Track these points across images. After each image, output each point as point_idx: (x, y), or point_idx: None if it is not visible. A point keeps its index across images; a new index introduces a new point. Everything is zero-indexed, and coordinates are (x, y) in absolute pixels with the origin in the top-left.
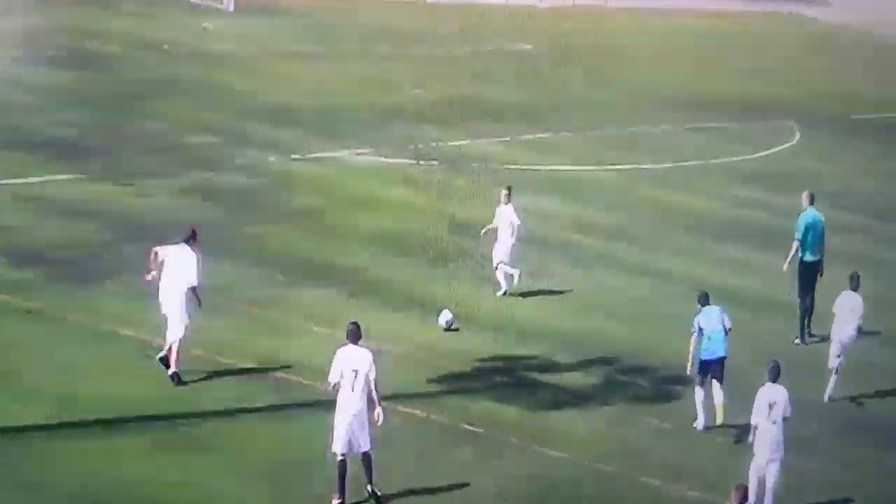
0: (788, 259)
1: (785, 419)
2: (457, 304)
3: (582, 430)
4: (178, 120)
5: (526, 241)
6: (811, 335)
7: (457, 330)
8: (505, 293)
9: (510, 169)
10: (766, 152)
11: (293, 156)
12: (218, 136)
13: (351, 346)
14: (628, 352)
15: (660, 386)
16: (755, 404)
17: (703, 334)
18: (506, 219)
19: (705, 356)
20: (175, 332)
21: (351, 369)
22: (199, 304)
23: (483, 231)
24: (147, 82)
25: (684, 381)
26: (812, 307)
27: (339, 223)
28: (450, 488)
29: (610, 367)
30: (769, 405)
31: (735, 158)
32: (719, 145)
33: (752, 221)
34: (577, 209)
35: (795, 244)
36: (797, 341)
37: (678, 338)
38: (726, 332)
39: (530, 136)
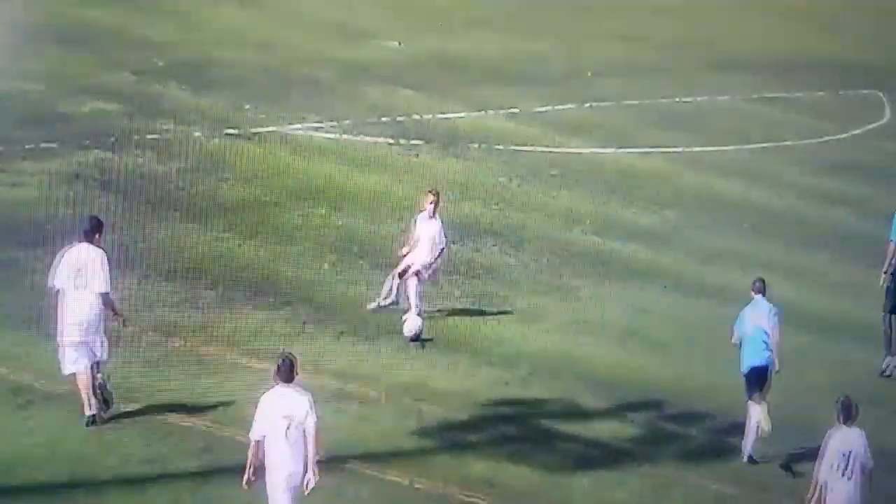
0: (886, 267)
1: (865, 474)
2: (449, 331)
3: (618, 498)
4: (59, 79)
5: (542, 249)
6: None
7: (421, 340)
8: (377, 307)
9: (522, 151)
10: (848, 133)
11: (225, 130)
12: (118, 102)
13: (281, 387)
14: (676, 393)
15: (718, 438)
16: (822, 454)
17: (743, 332)
18: (427, 235)
19: (745, 363)
20: (82, 360)
21: (282, 416)
22: (121, 319)
23: (403, 252)
24: (15, 26)
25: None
26: None
27: (289, 222)
28: None
29: (653, 413)
30: (842, 455)
31: (810, 141)
32: (790, 122)
33: (830, 221)
34: (608, 205)
35: (892, 248)
36: (886, 369)
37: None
38: (768, 335)
39: (547, 108)
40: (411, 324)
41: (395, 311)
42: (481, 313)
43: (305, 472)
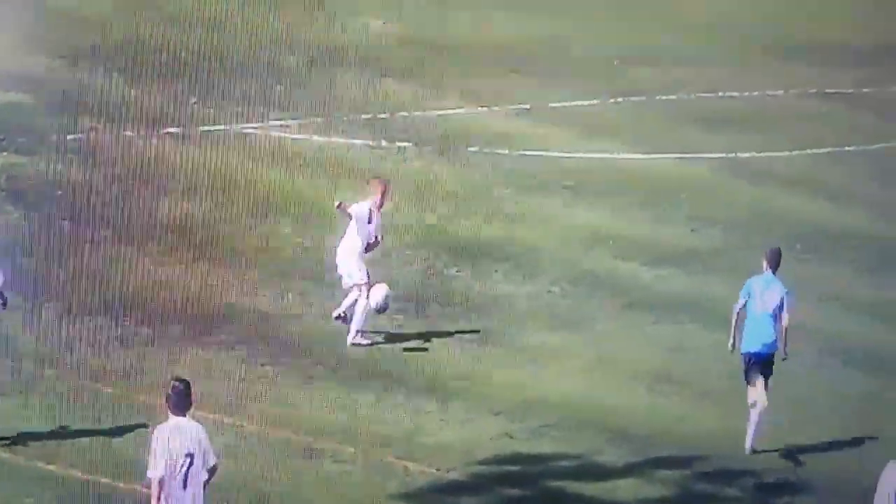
0: None
1: None
2: (442, 374)
3: None
4: None
5: (556, 276)
6: None
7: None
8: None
9: (532, 156)
10: None
11: (166, 129)
12: (31, 93)
13: (176, 420)
14: (716, 448)
15: (762, 499)
16: (878, 492)
17: (749, 307)
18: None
19: (747, 345)
20: None
21: (184, 455)
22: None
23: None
24: None
25: (802, 490)
26: None
27: (245, 243)
28: None
29: (687, 472)
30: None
31: (883, 145)
32: (860, 123)
33: None
34: (637, 222)
35: None
36: None
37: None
38: (775, 319)
39: (564, 103)
40: (378, 292)
41: (375, 350)
42: (481, 353)
43: None
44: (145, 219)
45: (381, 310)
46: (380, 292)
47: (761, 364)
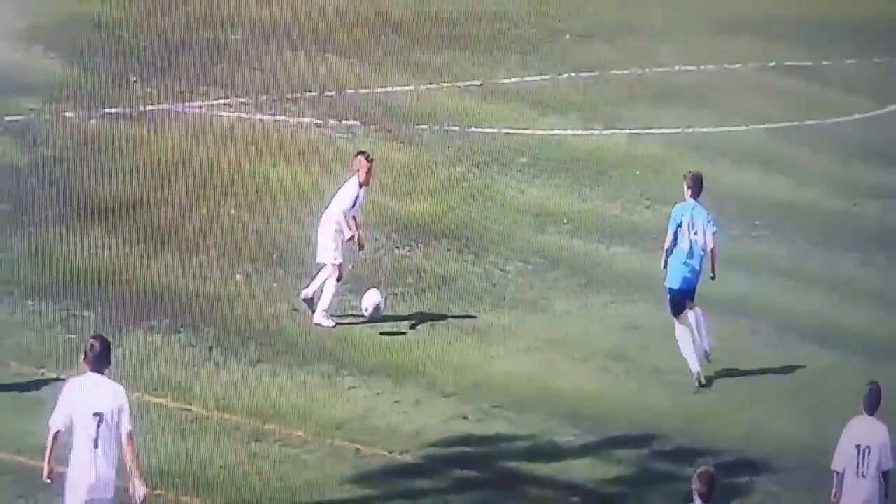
0: None
1: (885, 474)
2: (393, 356)
3: None
4: None
5: (509, 254)
6: None
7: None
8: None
9: (484, 133)
10: (885, 109)
11: (106, 109)
12: None
13: (91, 375)
14: (673, 427)
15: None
16: (839, 444)
17: (678, 239)
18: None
19: (675, 282)
20: None
21: (91, 414)
22: None
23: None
24: None
25: (760, 467)
26: None
27: (189, 225)
28: None
29: (644, 451)
30: (857, 449)
31: (839, 119)
32: (815, 97)
33: (864, 216)
34: (591, 200)
35: None
36: None
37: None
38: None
39: (516, 79)
40: (370, 299)
41: (325, 331)
42: (433, 333)
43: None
44: (85, 200)
45: (372, 318)
46: (371, 299)
47: (683, 298)
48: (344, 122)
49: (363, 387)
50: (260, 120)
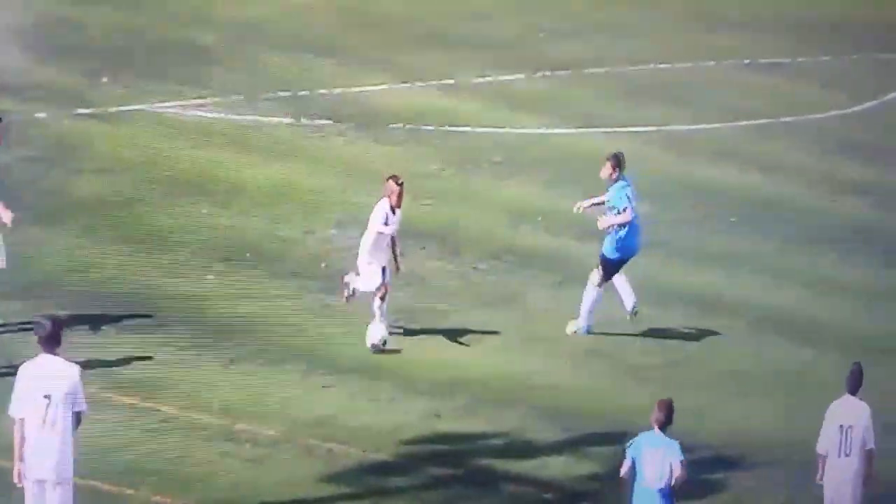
0: None
1: (870, 452)
2: (367, 355)
3: None
4: None
5: (483, 252)
6: None
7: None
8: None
9: (458, 132)
10: (862, 106)
11: (78, 109)
12: None
13: (43, 357)
14: (649, 423)
15: (700, 475)
16: (823, 426)
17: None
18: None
19: (621, 252)
20: None
21: (42, 395)
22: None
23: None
24: None
25: (737, 463)
26: None
27: (162, 224)
28: None
29: (620, 448)
30: (840, 429)
31: (816, 115)
32: (792, 93)
33: (841, 212)
34: (566, 198)
35: None
36: None
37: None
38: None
39: (490, 78)
40: (375, 331)
41: (298, 331)
42: (408, 332)
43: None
44: (58, 199)
45: (379, 348)
46: (377, 334)
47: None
48: (317, 121)
49: (337, 386)
50: (233, 119)
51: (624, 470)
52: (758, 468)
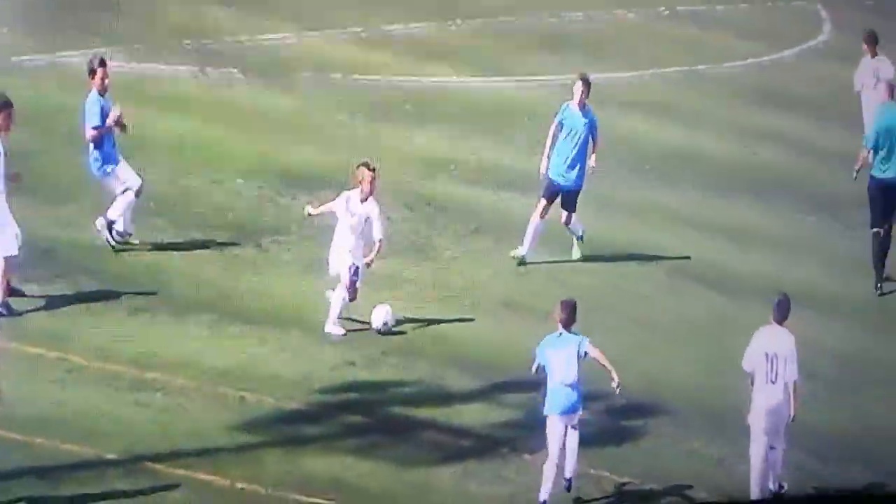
0: (856, 173)
1: (793, 385)
2: (279, 304)
3: (490, 493)
4: None
5: (395, 202)
6: (887, 279)
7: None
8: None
9: (368, 81)
10: (779, 54)
11: None
12: None
13: None
14: None
15: (611, 421)
16: (748, 347)
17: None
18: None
19: (557, 176)
20: None
21: None
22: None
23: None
24: None
25: (655, 411)
26: (889, 243)
27: (64, 175)
28: None
29: (532, 395)
30: (766, 356)
31: (732, 64)
32: (708, 42)
33: (758, 161)
34: (479, 147)
35: (864, 154)
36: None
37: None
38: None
39: (399, 26)
40: (380, 313)
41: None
42: (319, 281)
43: None
44: None
45: (382, 332)
46: (380, 316)
47: (566, 195)
48: (223, 70)
49: (247, 335)
50: (136, 69)
51: (533, 369)
52: (676, 415)
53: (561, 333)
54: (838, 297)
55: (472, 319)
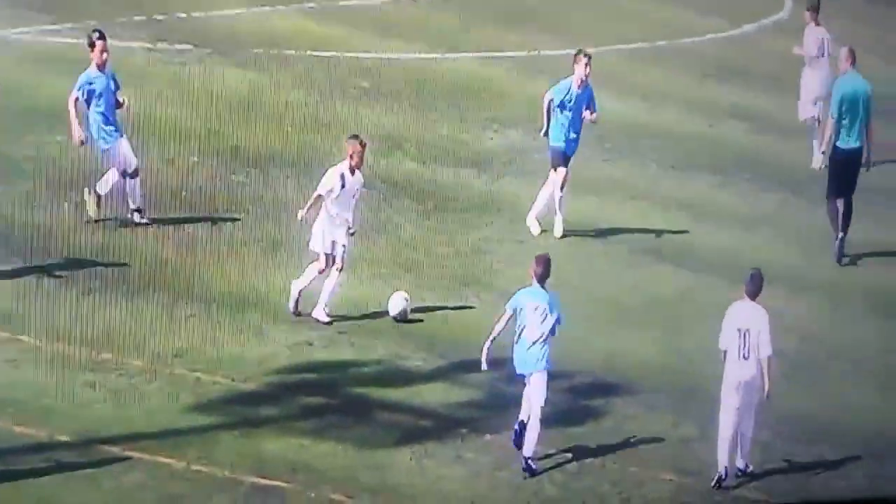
0: (823, 147)
1: (767, 359)
2: (234, 283)
3: (451, 474)
4: None
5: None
6: (844, 254)
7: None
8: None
9: (322, 57)
10: (739, 30)
11: None
12: None
13: None
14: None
15: (574, 400)
16: (722, 324)
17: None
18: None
19: (560, 142)
20: None
21: None
22: None
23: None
24: None
25: (616, 390)
26: (850, 213)
27: (15, 153)
28: None
29: (493, 374)
30: (738, 332)
31: (692, 40)
32: (667, 18)
33: (718, 137)
34: (437, 125)
35: (830, 124)
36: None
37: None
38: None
39: (357, 2)
40: (397, 301)
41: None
42: (276, 260)
43: None
44: None
45: (399, 319)
46: (397, 304)
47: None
48: (176, 45)
49: (203, 316)
50: (80, 43)
51: (502, 322)
52: (640, 394)
53: (535, 287)
54: (801, 274)
55: (430, 298)
